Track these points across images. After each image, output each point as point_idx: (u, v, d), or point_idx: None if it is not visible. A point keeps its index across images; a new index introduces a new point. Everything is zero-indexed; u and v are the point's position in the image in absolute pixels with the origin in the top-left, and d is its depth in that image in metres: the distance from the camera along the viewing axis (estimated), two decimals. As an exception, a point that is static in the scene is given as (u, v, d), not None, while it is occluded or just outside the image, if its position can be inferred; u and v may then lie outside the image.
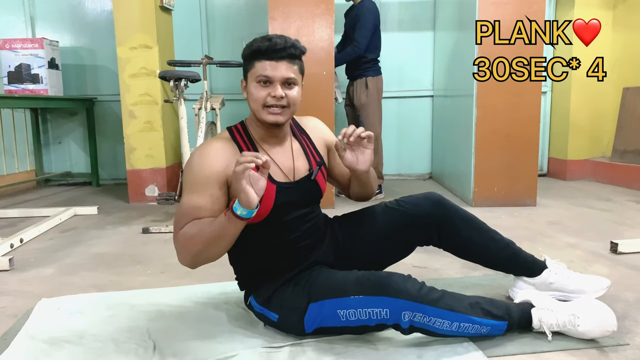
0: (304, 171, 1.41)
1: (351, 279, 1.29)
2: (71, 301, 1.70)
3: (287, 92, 1.29)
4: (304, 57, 1.36)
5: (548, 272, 1.52)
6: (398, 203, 1.52)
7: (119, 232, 2.76)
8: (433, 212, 1.47)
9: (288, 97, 1.29)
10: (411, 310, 1.22)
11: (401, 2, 4.38)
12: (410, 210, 1.49)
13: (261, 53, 1.28)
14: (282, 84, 1.29)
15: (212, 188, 1.27)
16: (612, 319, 1.31)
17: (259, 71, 1.28)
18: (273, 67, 1.27)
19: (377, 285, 1.24)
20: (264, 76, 1.28)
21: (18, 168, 4.11)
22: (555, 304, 1.38)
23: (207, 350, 1.32)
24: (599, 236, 2.43)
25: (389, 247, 1.51)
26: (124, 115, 3.60)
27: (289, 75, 1.29)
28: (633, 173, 3.77)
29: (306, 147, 1.45)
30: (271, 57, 1.27)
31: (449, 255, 1.57)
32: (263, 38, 1.29)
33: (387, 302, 1.22)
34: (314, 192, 1.43)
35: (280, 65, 1.28)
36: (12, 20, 4.35)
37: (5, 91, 3.87)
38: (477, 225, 1.51)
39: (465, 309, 1.27)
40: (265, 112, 1.30)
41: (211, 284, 1.80)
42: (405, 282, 1.24)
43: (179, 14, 3.98)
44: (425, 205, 1.48)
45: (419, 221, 1.48)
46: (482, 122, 3.19)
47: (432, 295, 1.24)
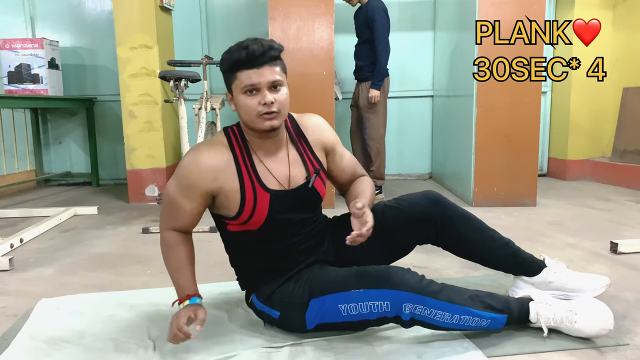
0: (300, 179, 1.38)
1: (352, 274, 1.31)
2: (71, 301, 1.70)
3: (276, 96, 1.27)
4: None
5: (547, 271, 1.52)
6: (397, 202, 1.52)
7: (118, 232, 2.76)
8: (431, 211, 1.47)
9: (278, 101, 1.27)
10: (412, 302, 1.23)
11: (401, 2, 4.38)
12: (408, 208, 1.48)
13: (242, 63, 1.25)
14: (269, 88, 1.27)
15: (195, 194, 1.32)
16: (609, 319, 1.31)
17: (244, 81, 1.25)
18: (257, 75, 1.25)
19: (377, 277, 1.26)
20: (250, 85, 1.25)
21: (18, 168, 4.11)
22: (553, 300, 1.39)
23: (207, 350, 1.32)
24: (599, 236, 2.43)
25: (388, 246, 1.51)
26: (124, 115, 3.60)
27: (274, 78, 1.26)
28: (633, 173, 3.77)
29: (303, 153, 1.42)
30: (252, 65, 1.25)
31: (449, 255, 1.57)
32: (239, 47, 1.25)
33: (388, 295, 1.23)
34: (312, 198, 1.42)
35: (263, 70, 1.25)
36: (12, 20, 4.35)
37: (5, 91, 3.87)
38: (476, 224, 1.51)
39: (466, 301, 1.28)
40: (260, 120, 1.28)
41: (211, 284, 1.80)
42: (405, 274, 1.26)
43: (179, 14, 3.98)
44: (424, 204, 1.48)
45: (418, 220, 1.47)
46: (482, 122, 3.19)
47: (433, 287, 1.26)
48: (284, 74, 1.32)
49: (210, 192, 1.32)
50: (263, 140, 1.35)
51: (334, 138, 1.51)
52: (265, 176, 1.34)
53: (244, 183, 1.31)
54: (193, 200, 1.32)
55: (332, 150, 1.49)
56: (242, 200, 1.31)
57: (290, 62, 3.11)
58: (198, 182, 1.30)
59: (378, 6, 3.39)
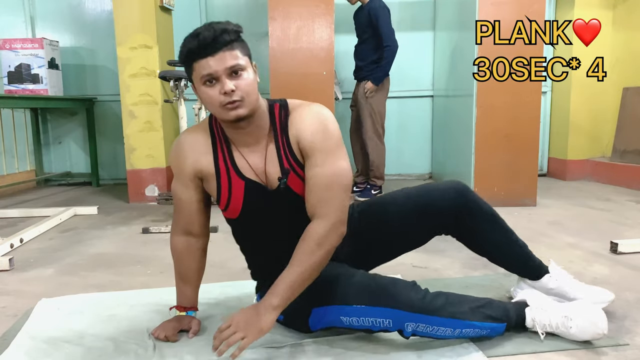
0: (275, 176, 1.28)
1: (353, 286, 1.27)
2: (71, 301, 1.70)
3: (237, 82, 1.17)
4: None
5: (548, 277, 1.51)
6: (420, 190, 1.46)
7: (119, 232, 2.76)
8: (457, 201, 1.41)
9: (239, 88, 1.17)
10: (415, 322, 1.22)
11: (401, 2, 4.37)
12: (434, 197, 1.42)
13: (195, 52, 1.16)
14: (229, 75, 1.16)
15: (184, 179, 1.33)
16: (602, 323, 1.29)
17: (201, 72, 1.17)
18: (212, 63, 1.15)
19: (378, 294, 1.23)
20: (207, 75, 1.16)
21: (18, 168, 4.11)
22: (549, 304, 1.38)
23: (207, 350, 1.32)
24: (599, 236, 2.43)
25: (408, 235, 1.47)
26: (124, 115, 3.60)
27: (232, 64, 1.16)
28: (633, 173, 3.77)
29: (282, 149, 1.28)
30: (206, 53, 1.15)
31: (449, 255, 1.58)
32: (192, 36, 1.17)
33: (390, 313, 1.21)
34: (289, 197, 1.29)
35: (218, 57, 1.15)
36: (12, 20, 4.35)
37: (5, 91, 3.87)
38: (499, 222, 1.48)
39: (467, 314, 1.27)
40: (224, 111, 1.19)
41: (211, 284, 1.80)
42: (408, 292, 1.23)
43: (179, 14, 3.98)
44: (450, 194, 1.42)
45: (442, 209, 1.41)
46: (482, 122, 3.19)
47: (435, 303, 1.24)
48: (246, 57, 1.20)
49: (195, 174, 1.32)
50: (237, 131, 1.27)
51: (317, 142, 1.23)
52: (242, 164, 1.29)
53: (219, 167, 1.29)
54: (186, 186, 1.34)
55: (308, 156, 1.25)
56: (218, 185, 1.30)
57: (290, 62, 3.20)
58: (182, 165, 1.32)
59: (380, 5, 3.39)
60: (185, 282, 1.44)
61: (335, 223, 1.21)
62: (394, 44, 3.38)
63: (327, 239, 1.20)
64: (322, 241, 1.20)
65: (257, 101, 1.23)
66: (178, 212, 1.40)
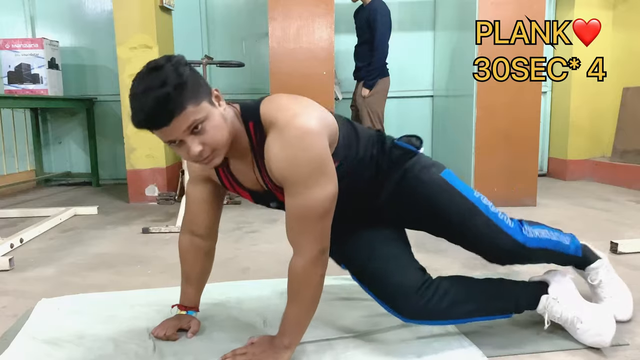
0: (272, 187, 1.21)
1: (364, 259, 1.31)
2: (71, 301, 1.69)
3: (202, 138, 1.05)
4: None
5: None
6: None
7: (119, 232, 2.76)
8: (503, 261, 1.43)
9: (207, 144, 1.06)
10: (416, 323, 1.30)
11: (401, 2, 4.37)
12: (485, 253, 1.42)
13: (145, 126, 1.03)
14: (190, 134, 1.04)
15: (196, 178, 1.35)
16: (607, 336, 1.28)
17: (162, 137, 1.05)
18: (168, 132, 1.03)
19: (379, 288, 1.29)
20: (168, 141, 1.06)
21: (18, 168, 4.11)
22: (566, 298, 1.34)
23: (207, 350, 1.32)
24: (599, 236, 2.43)
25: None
26: (124, 115, 3.60)
27: (188, 124, 1.02)
28: (633, 173, 3.77)
29: (263, 172, 1.19)
30: (157, 127, 1.02)
31: (449, 255, 1.58)
32: (132, 108, 1.02)
33: (391, 312, 1.28)
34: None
35: (171, 126, 1.01)
36: (12, 20, 4.35)
37: (5, 91, 3.87)
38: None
39: (473, 313, 1.30)
40: (200, 164, 1.13)
41: (211, 284, 1.79)
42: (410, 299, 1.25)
43: (179, 14, 3.98)
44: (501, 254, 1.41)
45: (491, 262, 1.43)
46: (482, 122, 3.19)
47: (439, 307, 1.25)
48: (199, 101, 1.04)
49: (205, 175, 1.34)
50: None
51: (286, 174, 1.10)
52: (241, 178, 1.27)
53: (224, 182, 1.32)
54: (195, 183, 1.36)
55: (282, 185, 1.15)
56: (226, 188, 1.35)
57: (290, 62, 3.20)
58: (193, 166, 1.34)
59: (381, 7, 3.39)
60: (188, 282, 1.46)
61: (311, 258, 1.14)
62: (381, 52, 3.40)
63: (308, 276, 1.16)
64: (304, 279, 1.16)
65: (229, 139, 1.12)
66: (186, 209, 1.42)
